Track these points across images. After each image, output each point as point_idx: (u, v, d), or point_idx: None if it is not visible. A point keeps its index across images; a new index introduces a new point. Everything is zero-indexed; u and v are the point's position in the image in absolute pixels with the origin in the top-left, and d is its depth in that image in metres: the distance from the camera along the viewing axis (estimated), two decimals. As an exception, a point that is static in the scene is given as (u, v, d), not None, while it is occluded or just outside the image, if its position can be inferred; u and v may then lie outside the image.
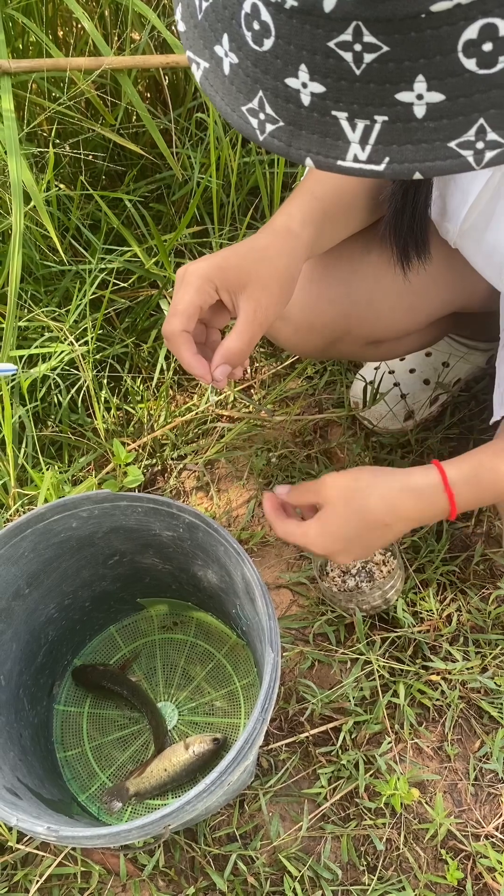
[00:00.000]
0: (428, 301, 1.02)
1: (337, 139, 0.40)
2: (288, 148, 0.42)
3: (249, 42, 0.39)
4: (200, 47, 0.42)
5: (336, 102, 0.39)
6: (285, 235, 0.78)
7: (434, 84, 0.36)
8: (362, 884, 0.97)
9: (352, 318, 0.99)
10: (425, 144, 0.38)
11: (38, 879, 0.96)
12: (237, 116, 0.42)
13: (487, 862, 0.97)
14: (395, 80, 0.37)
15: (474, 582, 1.17)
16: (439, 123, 0.38)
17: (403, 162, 0.39)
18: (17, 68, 1.18)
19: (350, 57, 0.37)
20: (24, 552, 0.91)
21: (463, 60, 0.36)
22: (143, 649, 1.13)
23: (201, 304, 0.73)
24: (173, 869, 0.98)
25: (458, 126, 0.38)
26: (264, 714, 0.77)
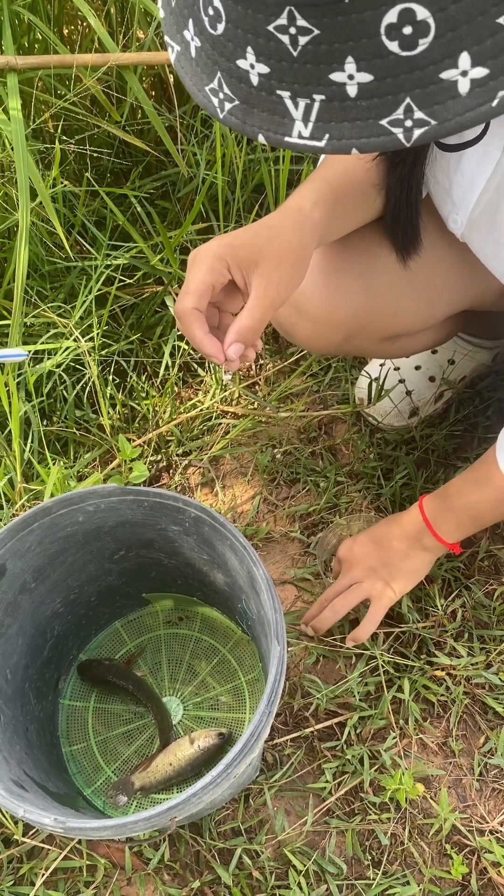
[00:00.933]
0: (445, 295, 1.02)
1: (283, 117, 0.43)
2: (243, 125, 0.45)
3: (207, 26, 0.43)
4: (174, 32, 0.46)
5: (279, 82, 0.42)
6: (296, 214, 0.78)
7: (362, 65, 0.39)
8: (367, 878, 0.97)
9: (371, 311, 0.98)
10: (360, 122, 0.41)
11: (44, 872, 0.96)
12: (202, 96, 0.46)
13: (492, 857, 0.97)
14: (328, 61, 0.39)
15: (479, 578, 1.17)
16: (370, 102, 0.40)
17: (342, 139, 0.42)
18: (24, 65, 1.19)
19: (287, 39, 0.40)
20: (31, 546, 0.92)
21: (386, 43, 0.38)
22: (148, 644, 1.14)
23: (213, 283, 0.73)
24: (178, 863, 0.98)
25: (388, 105, 0.40)
26: (270, 707, 0.77)
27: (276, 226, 0.76)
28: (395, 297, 0.98)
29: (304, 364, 1.37)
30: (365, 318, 0.99)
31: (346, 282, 0.95)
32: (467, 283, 1.01)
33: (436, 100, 0.39)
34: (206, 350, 0.73)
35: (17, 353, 0.96)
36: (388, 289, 0.97)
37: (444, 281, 0.99)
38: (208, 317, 0.76)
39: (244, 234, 0.75)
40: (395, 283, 0.97)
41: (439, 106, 0.39)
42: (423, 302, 1.01)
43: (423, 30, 0.37)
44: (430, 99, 0.39)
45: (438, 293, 1.01)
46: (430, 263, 0.96)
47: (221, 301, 0.77)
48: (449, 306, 1.04)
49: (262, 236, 0.75)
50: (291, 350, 1.40)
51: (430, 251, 0.95)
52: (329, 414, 1.34)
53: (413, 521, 1.04)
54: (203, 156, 1.36)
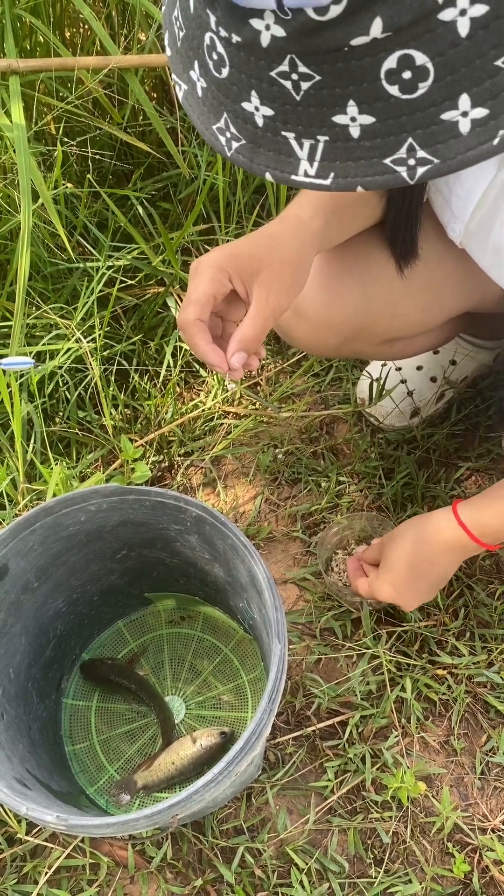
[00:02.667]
0: (443, 300, 1.02)
1: (289, 156, 0.44)
2: (251, 163, 0.46)
3: (212, 69, 0.44)
4: (181, 71, 0.47)
5: (284, 124, 0.42)
6: (295, 223, 0.78)
7: (364, 108, 0.40)
8: (369, 876, 0.97)
9: (369, 315, 0.99)
10: (364, 161, 0.42)
11: (47, 871, 0.97)
12: (210, 134, 0.47)
13: (494, 855, 0.97)
14: (330, 105, 0.40)
15: (481, 577, 1.18)
16: (374, 142, 0.41)
17: (346, 177, 0.43)
18: (26, 68, 1.19)
19: (290, 85, 0.40)
20: (33, 546, 0.92)
21: (387, 87, 0.39)
22: (150, 644, 1.14)
23: (215, 294, 0.73)
24: (181, 861, 0.99)
25: (390, 145, 0.41)
26: (271, 705, 0.78)
27: (275, 235, 0.77)
28: (394, 300, 0.99)
29: (306, 364, 1.38)
30: (363, 321, 0.99)
31: (345, 285, 0.96)
32: (466, 287, 1.01)
33: (438, 139, 0.40)
34: (209, 360, 0.74)
35: (24, 362, 0.97)
36: (387, 292, 0.98)
37: (443, 285, 1.00)
38: (212, 326, 0.76)
39: (244, 244, 0.76)
40: (393, 287, 0.97)
41: (441, 145, 0.40)
42: (421, 306, 1.01)
43: (422, 74, 0.38)
44: (433, 139, 0.40)
45: (437, 297, 1.01)
46: (429, 268, 0.97)
47: (224, 310, 0.78)
48: (448, 310, 1.05)
49: (262, 246, 0.75)
50: (293, 350, 1.41)
51: (429, 255, 0.96)
52: (330, 414, 1.35)
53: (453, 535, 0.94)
54: (204, 157, 1.37)
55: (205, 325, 0.73)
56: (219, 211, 1.37)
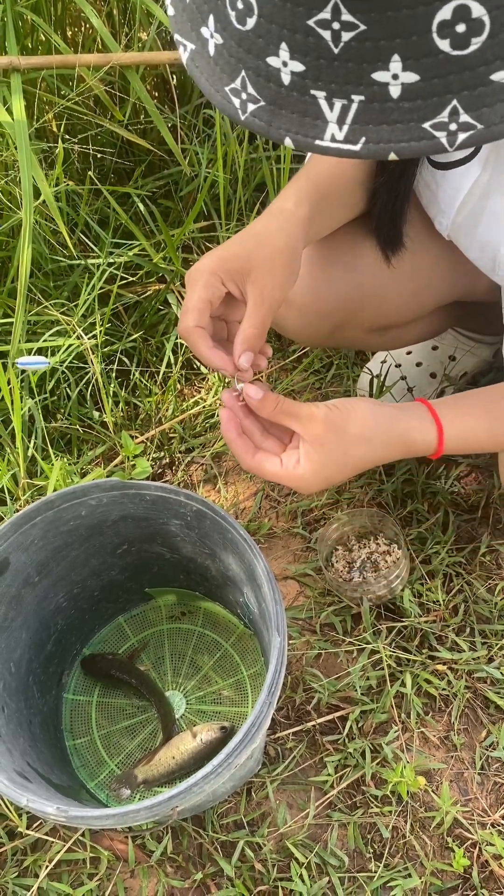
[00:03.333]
0: (432, 286, 1.03)
1: (315, 118, 0.41)
2: (268, 127, 0.42)
3: (234, 22, 0.40)
4: (188, 29, 0.44)
5: (315, 81, 0.39)
6: (280, 215, 0.79)
7: (409, 64, 0.37)
8: (369, 871, 0.97)
9: (356, 302, 1.00)
10: (400, 125, 0.39)
11: (48, 865, 0.97)
12: (220, 97, 0.43)
13: (494, 849, 0.98)
14: (372, 60, 0.37)
15: (481, 573, 1.18)
16: (414, 104, 0.38)
17: (379, 142, 0.40)
18: (27, 65, 1.20)
19: (329, 35, 0.37)
20: (34, 540, 0.93)
21: (437, 41, 0.36)
22: (151, 639, 1.14)
23: (210, 299, 0.74)
24: (181, 855, 0.99)
25: (432, 107, 0.38)
26: (271, 697, 0.78)
27: (261, 232, 0.77)
28: (381, 286, 0.99)
29: (306, 361, 1.38)
30: (352, 307, 1.00)
31: (333, 273, 0.97)
32: (455, 273, 1.02)
33: (485, 102, 0.37)
34: (213, 364, 0.74)
35: (40, 361, 0.98)
36: (374, 279, 0.98)
37: (431, 271, 1.00)
38: (217, 330, 0.77)
39: (232, 245, 0.76)
40: (380, 273, 0.98)
41: (488, 109, 0.38)
42: (409, 292, 1.02)
43: (477, 28, 0.35)
44: (479, 101, 0.37)
45: (425, 283, 1.02)
46: (417, 254, 0.97)
47: (225, 313, 0.78)
48: (436, 296, 1.05)
49: (249, 244, 0.76)
50: (293, 347, 1.41)
51: (417, 242, 0.96)
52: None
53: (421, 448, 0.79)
54: (205, 155, 1.37)
55: (205, 332, 0.74)
56: (219, 208, 1.38)
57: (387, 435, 0.75)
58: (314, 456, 0.73)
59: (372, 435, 0.74)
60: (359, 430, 0.73)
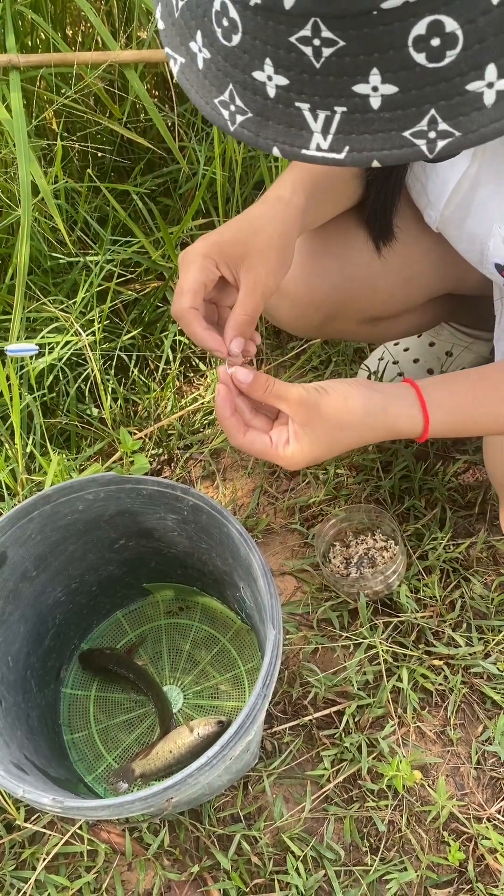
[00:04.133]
0: (423, 277, 1.03)
1: (301, 129, 0.42)
2: (256, 138, 0.44)
3: (220, 38, 0.42)
4: (177, 44, 0.45)
5: (299, 94, 0.41)
6: (276, 203, 0.80)
7: (388, 77, 0.39)
8: (365, 864, 0.98)
9: (348, 291, 1.00)
10: (382, 134, 0.41)
11: (45, 857, 0.98)
12: (210, 108, 0.45)
13: (489, 843, 0.98)
14: (352, 73, 0.39)
15: (477, 569, 1.18)
16: (394, 114, 0.40)
17: (362, 151, 0.41)
18: (26, 63, 1.20)
19: (310, 51, 0.39)
20: (32, 534, 0.93)
21: (413, 55, 0.38)
22: (149, 634, 1.15)
23: (204, 282, 0.74)
24: (178, 848, 0.99)
25: (412, 116, 0.40)
26: (266, 690, 0.78)
27: (257, 218, 0.78)
28: (373, 277, 1.00)
29: (304, 357, 1.39)
30: (344, 297, 1.00)
31: (324, 263, 0.97)
32: (445, 264, 1.03)
33: (461, 111, 0.39)
34: (208, 345, 0.75)
35: (29, 348, 0.98)
36: (365, 268, 0.99)
37: (422, 261, 1.01)
38: (208, 314, 0.77)
39: (227, 230, 0.77)
40: (371, 264, 0.99)
41: (464, 117, 0.39)
42: (401, 280, 1.02)
43: (451, 41, 0.37)
44: (455, 111, 0.39)
45: (415, 274, 1.02)
46: (408, 245, 0.98)
47: (217, 297, 0.79)
48: (427, 287, 1.06)
49: (244, 231, 0.76)
50: (292, 344, 1.41)
51: (408, 233, 0.97)
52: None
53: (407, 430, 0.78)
54: (203, 152, 1.38)
55: (199, 313, 0.74)
56: (218, 206, 1.38)
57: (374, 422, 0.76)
58: (303, 438, 0.74)
59: (360, 422, 0.75)
60: (348, 418, 0.74)
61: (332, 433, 0.75)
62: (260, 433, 0.75)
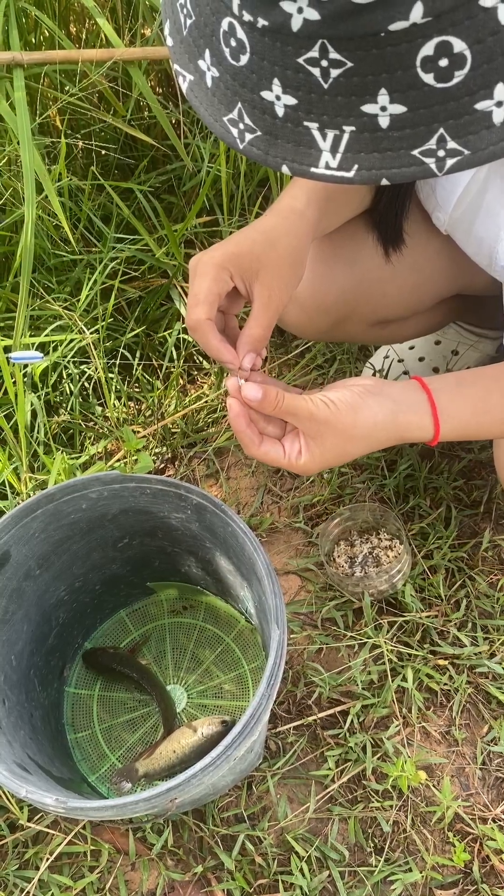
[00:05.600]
0: (432, 280, 1.03)
1: (310, 148, 0.42)
2: (265, 156, 0.44)
3: (228, 57, 0.42)
4: (186, 61, 0.45)
5: (307, 114, 0.41)
6: (290, 216, 0.79)
7: (396, 97, 0.39)
8: (369, 865, 0.97)
9: (358, 296, 1.00)
10: (391, 152, 0.41)
11: (49, 857, 0.97)
12: (219, 126, 0.45)
13: (494, 844, 0.97)
14: (361, 93, 0.39)
15: (483, 568, 1.18)
16: (403, 133, 0.40)
17: (371, 169, 0.41)
18: (30, 60, 1.20)
19: (318, 72, 0.39)
20: (35, 533, 0.93)
21: (421, 75, 0.38)
22: (152, 633, 1.14)
23: (219, 292, 0.74)
24: (182, 848, 0.99)
25: (420, 135, 0.40)
26: (270, 690, 0.78)
27: (271, 231, 0.77)
28: (382, 281, 0.99)
29: (309, 356, 1.38)
30: (352, 302, 1.00)
31: (333, 267, 0.97)
32: (454, 267, 1.02)
33: (470, 130, 0.39)
34: (222, 358, 0.74)
35: (33, 356, 0.98)
36: (374, 273, 0.98)
37: (431, 265, 1.00)
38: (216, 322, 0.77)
39: (243, 241, 0.76)
40: (381, 268, 0.98)
41: (473, 136, 0.39)
42: (410, 285, 1.02)
43: (459, 62, 0.37)
44: (464, 129, 0.39)
45: (425, 277, 1.02)
46: (417, 248, 0.98)
47: (225, 306, 0.78)
48: (436, 290, 1.05)
49: (260, 244, 0.75)
50: (296, 342, 1.41)
51: (417, 235, 0.96)
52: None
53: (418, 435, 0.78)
54: (207, 150, 1.37)
55: (213, 324, 0.73)
56: (222, 203, 1.38)
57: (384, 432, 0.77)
58: (314, 450, 0.75)
59: (369, 434, 0.75)
60: (359, 432, 0.74)
61: (343, 445, 0.75)
62: (274, 444, 0.76)
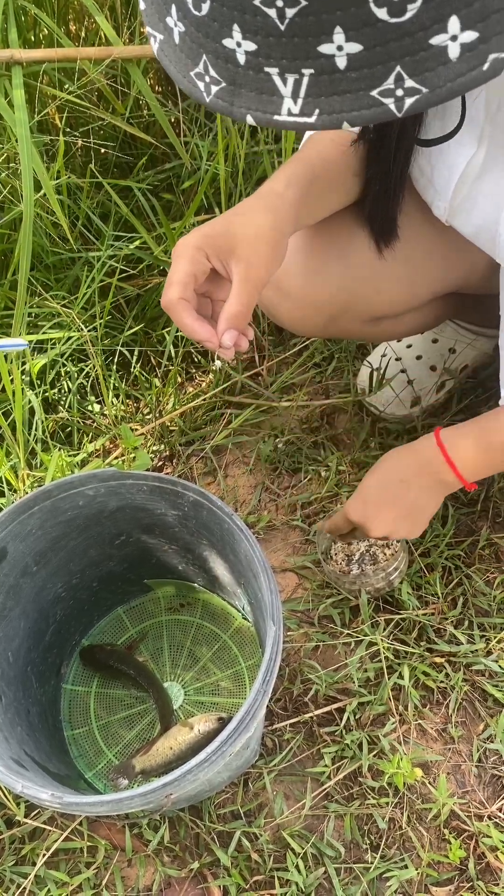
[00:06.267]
0: (426, 276, 1.03)
1: (272, 95, 0.42)
2: (230, 107, 0.44)
3: (192, 9, 0.42)
4: (156, 21, 0.45)
5: (267, 59, 0.41)
6: (268, 195, 0.80)
7: (351, 35, 0.39)
8: (365, 862, 0.98)
9: (351, 292, 1.00)
10: (350, 94, 0.41)
11: (45, 853, 0.98)
12: (187, 81, 0.45)
13: (490, 841, 0.98)
14: (316, 33, 0.39)
15: (479, 566, 1.18)
16: (360, 73, 0.40)
17: (332, 112, 0.41)
18: (29, 58, 1.20)
19: (274, 13, 0.39)
20: (32, 529, 0.93)
21: (375, 10, 0.38)
22: (150, 630, 1.15)
23: (195, 273, 0.74)
24: (178, 845, 0.99)
25: (378, 74, 0.40)
26: (265, 686, 0.78)
27: (247, 211, 0.78)
28: (376, 275, 0.99)
29: (306, 354, 1.38)
30: (346, 297, 1.00)
31: (327, 262, 0.97)
32: (449, 262, 1.02)
33: (426, 66, 0.39)
34: (198, 336, 0.74)
35: (17, 343, 0.98)
36: (369, 268, 0.98)
37: (425, 259, 1.00)
38: (202, 307, 0.77)
39: (218, 223, 0.77)
40: (374, 262, 0.98)
41: (430, 73, 0.39)
42: (404, 280, 1.02)
43: None
44: (421, 66, 0.39)
45: (419, 271, 1.02)
46: (411, 242, 0.97)
47: (210, 290, 0.79)
48: (431, 285, 1.05)
49: (235, 223, 0.76)
50: (294, 341, 1.41)
51: (410, 230, 0.96)
52: (331, 404, 1.35)
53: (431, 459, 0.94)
54: (206, 148, 1.37)
55: (188, 304, 0.74)
56: (220, 201, 1.38)
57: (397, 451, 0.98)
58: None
59: (384, 459, 0.97)
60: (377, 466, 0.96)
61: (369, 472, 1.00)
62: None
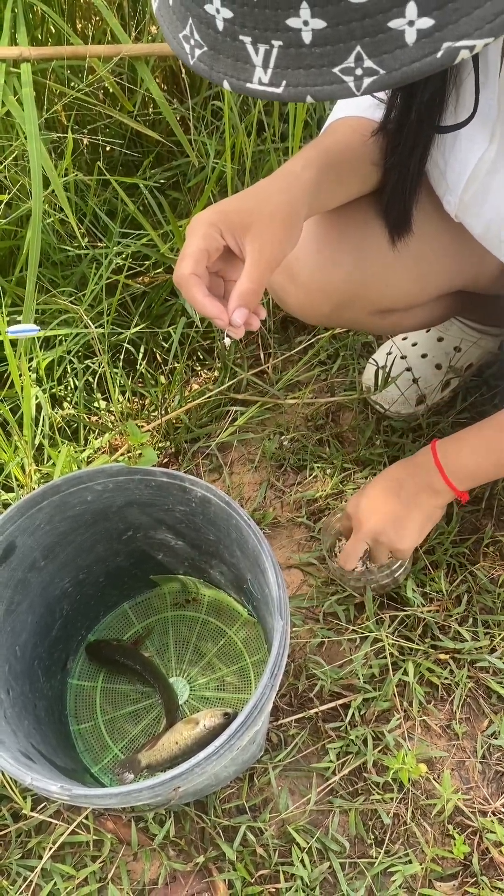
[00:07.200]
0: (436, 272, 1.03)
1: (245, 63, 0.44)
2: (210, 71, 0.46)
3: None
4: None
5: (241, 27, 0.42)
6: (285, 176, 0.80)
7: (316, 11, 0.40)
8: (370, 857, 0.98)
9: (361, 282, 1.00)
10: (314, 69, 0.42)
11: (52, 846, 0.98)
12: (176, 42, 0.47)
13: (494, 837, 0.98)
14: (285, 6, 0.40)
15: (484, 564, 1.18)
16: (324, 49, 0.41)
17: (297, 85, 0.43)
18: (37, 56, 1.21)
19: None
20: (40, 524, 0.93)
21: None
22: (155, 626, 1.15)
23: (207, 249, 0.74)
24: (183, 839, 1.00)
25: (340, 52, 0.41)
26: (273, 680, 0.79)
27: (264, 190, 0.78)
28: (386, 268, 1.00)
29: (311, 352, 1.39)
30: (356, 287, 1.00)
31: (339, 251, 0.97)
32: (460, 260, 1.02)
33: (384, 49, 0.40)
34: (208, 312, 0.74)
35: (30, 329, 0.98)
36: (380, 260, 0.99)
37: (437, 256, 1.01)
38: (214, 286, 0.77)
39: (234, 200, 0.77)
40: (386, 255, 0.98)
41: (388, 55, 0.40)
42: (414, 275, 1.02)
43: None
44: (379, 48, 0.40)
45: (430, 268, 1.02)
46: (424, 238, 0.98)
47: (223, 269, 0.79)
48: (440, 282, 1.05)
49: (251, 201, 0.77)
50: (300, 339, 1.42)
51: (424, 228, 0.97)
52: (336, 401, 1.35)
53: (423, 462, 1.03)
54: (213, 146, 1.38)
55: (200, 280, 0.74)
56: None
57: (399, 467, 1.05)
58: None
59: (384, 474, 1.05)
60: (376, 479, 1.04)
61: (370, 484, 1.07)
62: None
